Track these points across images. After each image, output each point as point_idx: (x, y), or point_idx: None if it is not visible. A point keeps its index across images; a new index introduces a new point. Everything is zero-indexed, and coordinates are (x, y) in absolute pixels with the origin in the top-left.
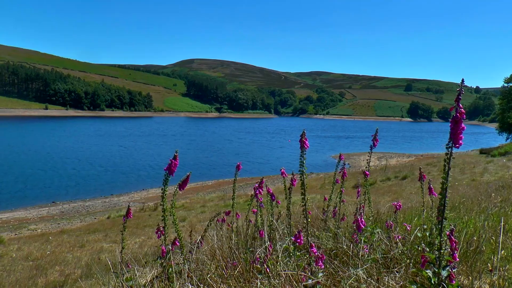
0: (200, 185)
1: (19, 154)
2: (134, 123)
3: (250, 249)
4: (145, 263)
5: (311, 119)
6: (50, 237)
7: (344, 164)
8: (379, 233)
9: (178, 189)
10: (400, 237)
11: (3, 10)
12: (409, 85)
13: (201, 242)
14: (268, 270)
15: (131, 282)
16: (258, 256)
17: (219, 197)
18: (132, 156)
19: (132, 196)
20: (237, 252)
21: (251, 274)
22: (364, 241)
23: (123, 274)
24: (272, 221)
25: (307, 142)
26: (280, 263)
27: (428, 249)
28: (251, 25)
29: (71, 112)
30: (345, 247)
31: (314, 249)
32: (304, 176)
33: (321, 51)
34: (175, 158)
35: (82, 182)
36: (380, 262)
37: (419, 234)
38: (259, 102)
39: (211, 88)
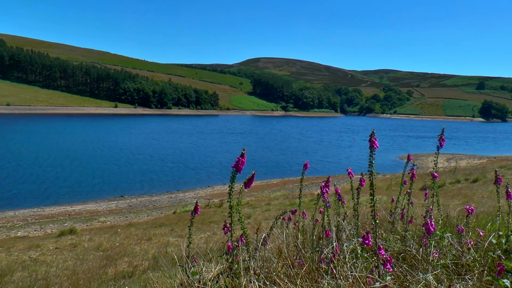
0: (265, 183)
1: (93, 150)
2: (201, 121)
3: (317, 249)
4: (211, 258)
5: (377, 118)
6: (119, 230)
7: (414, 165)
8: (448, 238)
9: (243, 187)
10: (472, 242)
11: (79, 13)
12: (481, 83)
13: (266, 239)
14: (334, 271)
15: (197, 276)
16: (324, 256)
17: (284, 195)
18: (201, 153)
19: (198, 192)
20: (303, 251)
21: (317, 274)
22: (434, 246)
23: (190, 268)
24: (339, 221)
25: (376, 142)
26: (347, 264)
27: (504, 257)
28: (318, 23)
29: (139, 110)
30: (413, 250)
31: (383, 251)
32: (373, 176)
33: (389, 49)
34: (242, 156)
35: (150, 177)
36: (450, 268)
37: (493, 241)
38: (325, 100)
39: (277, 87)
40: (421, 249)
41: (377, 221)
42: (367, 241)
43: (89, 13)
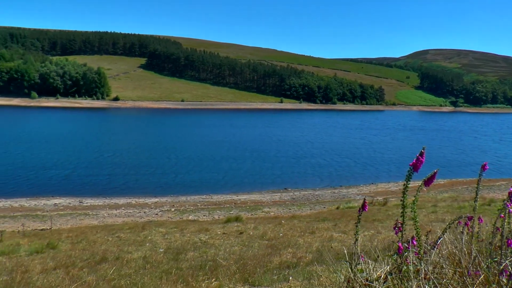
0: (431, 183)
1: (265, 143)
2: (367, 116)
3: (495, 259)
4: (377, 257)
5: None
6: (282, 221)
7: None
8: None
9: (423, 185)
10: None
11: (248, 14)
12: None
13: (437, 243)
14: None
15: (364, 274)
16: (504, 268)
17: (452, 197)
18: (370, 148)
19: (361, 189)
20: (479, 259)
21: (496, 287)
22: None
23: (356, 265)
24: None
25: None
26: None
27: None
28: (494, 8)
29: (304, 105)
30: None
31: None
32: None
33: None
34: (421, 154)
35: (314, 171)
36: None
37: None
38: (500, 95)
39: (446, 81)
40: None
41: None
42: None
43: (257, 12)
